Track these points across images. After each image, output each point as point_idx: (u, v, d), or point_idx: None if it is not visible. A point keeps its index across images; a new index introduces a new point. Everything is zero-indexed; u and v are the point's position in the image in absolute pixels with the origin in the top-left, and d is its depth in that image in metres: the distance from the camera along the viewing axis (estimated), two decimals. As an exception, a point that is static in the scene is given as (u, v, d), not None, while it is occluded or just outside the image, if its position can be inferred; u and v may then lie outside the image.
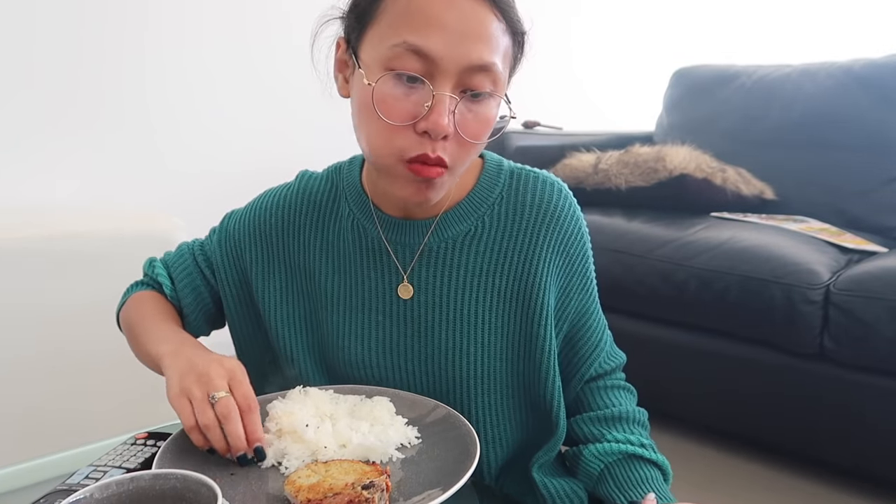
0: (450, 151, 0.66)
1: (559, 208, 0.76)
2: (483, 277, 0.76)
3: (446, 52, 0.62)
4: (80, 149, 1.85)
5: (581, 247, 0.78)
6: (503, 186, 0.77)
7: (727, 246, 1.66)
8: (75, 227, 1.46)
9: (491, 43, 0.64)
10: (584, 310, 0.80)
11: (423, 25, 0.63)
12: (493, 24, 0.64)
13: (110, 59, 1.87)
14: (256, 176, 2.21)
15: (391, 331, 0.78)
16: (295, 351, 0.81)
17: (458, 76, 0.64)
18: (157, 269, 0.86)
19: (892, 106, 2.00)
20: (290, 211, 0.82)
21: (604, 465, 0.76)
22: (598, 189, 2.07)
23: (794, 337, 1.53)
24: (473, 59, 0.63)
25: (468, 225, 0.76)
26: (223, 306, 0.85)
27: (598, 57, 3.16)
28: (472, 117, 0.66)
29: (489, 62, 0.64)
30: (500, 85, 0.67)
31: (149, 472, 0.52)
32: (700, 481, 1.59)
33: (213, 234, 0.87)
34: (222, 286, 0.84)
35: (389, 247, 0.77)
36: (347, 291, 0.79)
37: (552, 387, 0.77)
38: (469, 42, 0.63)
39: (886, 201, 1.95)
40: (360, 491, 0.54)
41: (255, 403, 0.63)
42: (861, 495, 1.54)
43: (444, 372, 0.77)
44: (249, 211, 0.85)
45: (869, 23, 3.30)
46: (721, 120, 2.32)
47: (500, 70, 0.65)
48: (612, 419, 0.79)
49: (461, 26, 0.62)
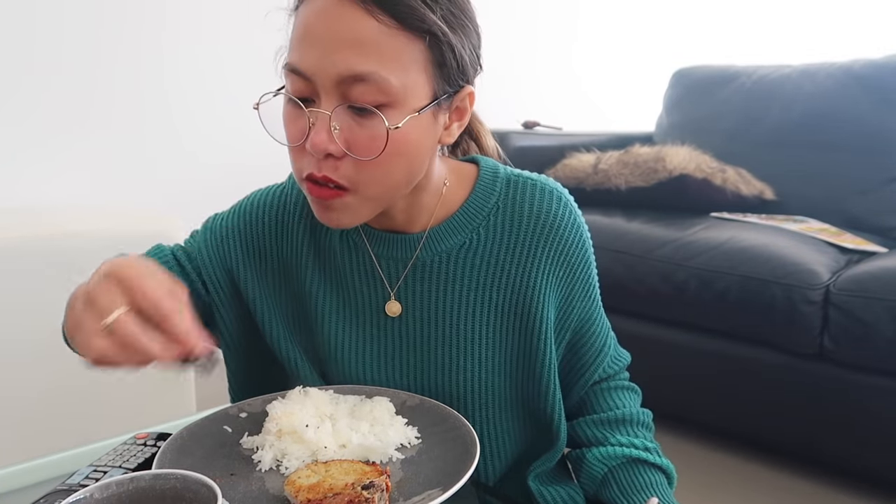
0: (344, 172, 0.61)
1: (558, 217, 0.73)
2: (479, 292, 0.73)
3: (317, 66, 0.59)
4: (79, 149, 1.85)
5: (582, 254, 0.75)
6: (499, 196, 0.74)
7: (727, 246, 1.66)
8: (75, 227, 1.46)
9: (365, 49, 0.58)
10: (587, 316, 0.78)
11: (298, 42, 0.61)
12: (367, 28, 0.58)
13: (110, 60, 1.87)
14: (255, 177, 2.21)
15: (385, 345, 0.76)
16: (291, 353, 0.79)
17: (336, 91, 0.59)
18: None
19: (892, 106, 2.00)
20: (283, 211, 0.78)
21: (607, 469, 0.75)
22: (598, 189, 2.08)
23: (793, 337, 1.53)
24: (341, 69, 0.58)
25: (462, 237, 0.73)
26: (213, 309, 0.80)
27: (598, 57, 3.17)
28: (362, 132, 0.60)
29: (362, 71, 0.58)
30: (395, 96, 0.60)
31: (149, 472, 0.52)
32: (699, 481, 1.59)
33: (197, 235, 0.82)
34: (213, 287, 0.79)
35: (378, 262, 0.74)
36: (340, 304, 0.76)
37: (552, 399, 0.76)
38: (337, 51, 0.58)
39: (886, 201, 1.95)
40: (360, 491, 0.54)
41: (168, 306, 0.51)
42: (861, 495, 1.54)
43: (440, 387, 0.75)
44: (236, 211, 0.81)
45: (869, 23, 3.30)
46: (721, 120, 2.32)
47: (385, 78, 0.59)
48: (616, 422, 0.78)
49: (329, 35, 0.58)
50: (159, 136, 1.99)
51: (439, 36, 0.61)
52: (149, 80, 1.95)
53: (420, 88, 0.62)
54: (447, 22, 0.62)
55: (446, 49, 0.62)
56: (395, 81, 0.59)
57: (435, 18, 0.60)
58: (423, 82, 0.62)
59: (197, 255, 0.79)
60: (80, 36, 1.81)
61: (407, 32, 0.59)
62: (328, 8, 0.59)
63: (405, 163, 0.64)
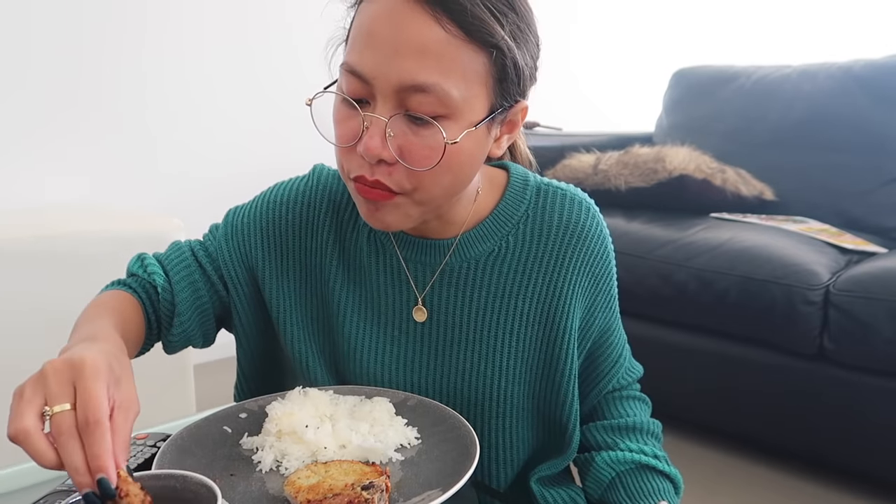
0: (396, 179, 0.61)
1: (587, 228, 0.73)
2: (505, 300, 0.73)
3: (378, 70, 0.58)
4: (79, 149, 1.85)
5: (607, 265, 0.76)
6: (529, 204, 0.73)
7: (727, 247, 1.66)
8: (75, 227, 1.46)
9: (428, 58, 0.57)
10: (607, 327, 0.78)
11: (360, 44, 0.59)
12: (434, 37, 0.57)
13: (111, 60, 1.87)
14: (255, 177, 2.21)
15: (406, 348, 0.75)
16: (307, 356, 0.77)
17: (395, 97, 0.58)
18: (148, 264, 0.76)
19: (891, 106, 2.00)
20: (308, 207, 0.76)
21: (615, 474, 0.75)
22: (598, 190, 2.07)
23: (793, 337, 1.53)
24: (404, 78, 0.57)
25: (491, 245, 0.73)
26: (231, 307, 0.79)
27: (598, 57, 3.17)
28: (418, 142, 0.59)
29: (424, 82, 0.57)
30: (454, 109, 0.59)
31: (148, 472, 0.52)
32: (699, 481, 1.59)
33: (217, 230, 0.79)
34: (232, 285, 0.77)
35: (407, 266, 0.74)
36: (363, 304, 0.75)
37: (569, 409, 0.75)
38: (400, 58, 0.57)
39: (886, 202, 1.95)
40: (360, 492, 0.54)
41: (97, 416, 0.46)
42: (861, 495, 1.54)
43: (459, 393, 0.75)
44: (258, 205, 0.78)
45: (869, 23, 3.30)
46: (721, 121, 2.32)
47: (447, 91, 0.58)
48: (627, 429, 0.78)
49: (395, 41, 0.57)
50: (159, 136, 1.99)
51: (505, 51, 0.60)
52: (148, 81, 1.95)
53: (478, 102, 0.61)
54: (514, 37, 0.60)
55: (509, 64, 0.61)
56: (455, 94, 0.58)
57: (503, 34, 0.59)
58: (483, 96, 0.61)
59: (217, 254, 0.77)
60: (81, 37, 1.81)
61: (473, 45, 0.58)
62: (395, 11, 0.57)
63: (457, 174, 0.63)
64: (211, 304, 0.78)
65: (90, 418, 0.46)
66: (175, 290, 0.74)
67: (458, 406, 0.75)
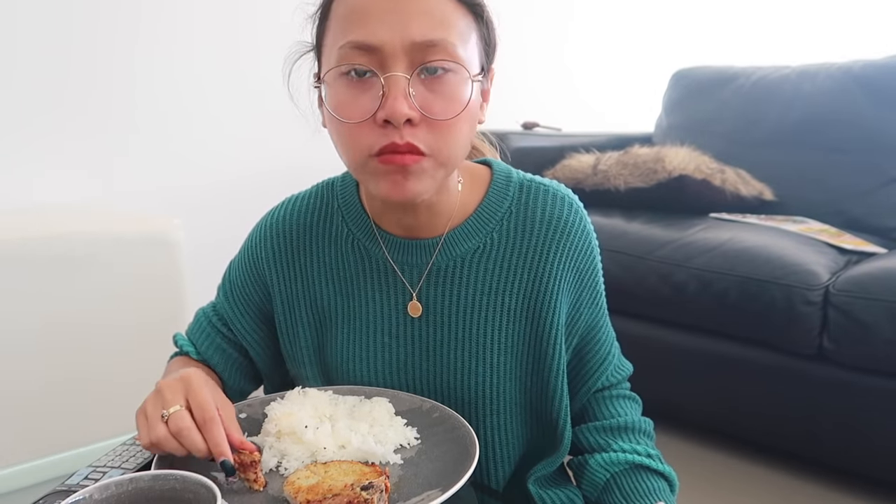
0: (422, 138, 0.62)
1: (570, 223, 0.74)
2: (492, 296, 0.74)
3: (387, 35, 0.60)
4: (79, 150, 1.85)
5: (591, 261, 0.76)
6: (512, 200, 0.74)
7: (726, 247, 1.66)
8: (75, 228, 1.46)
9: (433, 18, 0.62)
10: (594, 323, 0.79)
11: (360, 21, 0.62)
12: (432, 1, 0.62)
13: (109, 60, 1.87)
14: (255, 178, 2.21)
15: (398, 351, 0.76)
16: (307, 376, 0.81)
17: (407, 57, 0.61)
18: (179, 340, 0.84)
19: (891, 107, 2.00)
20: (280, 240, 0.79)
21: (610, 475, 0.75)
22: (598, 190, 2.08)
23: (793, 338, 1.53)
24: (416, 35, 0.61)
25: (476, 242, 0.74)
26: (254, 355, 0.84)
27: (598, 58, 3.17)
28: (436, 97, 0.62)
29: (436, 38, 0.61)
30: (462, 62, 0.63)
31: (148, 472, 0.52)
32: (698, 481, 1.59)
33: (219, 291, 0.85)
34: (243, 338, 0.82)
35: (396, 267, 0.75)
36: (352, 313, 0.77)
37: (560, 404, 0.76)
38: (407, 20, 0.61)
39: (886, 202, 1.95)
40: (360, 492, 0.54)
41: (211, 413, 0.60)
42: (860, 496, 1.54)
43: (452, 391, 0.75)
44: (245, 253, 0.82)
45: (869, 23, 3.30)
46: (720, 121, 2.33)
47: (454, 44, 0.62)
48: (618, 429, 0.78)
49: (397, 8, 0.61)
50: (159, 136, 1.99)
51: (486, 13, 0.67)
52: (148, 81, 1.95)
53: (475, 60, 0.66)
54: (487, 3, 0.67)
55: (490, 26, 0.68)
56: (460, 50, 0.63)
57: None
58: (476, 54, 0.66)
59: (225, 314, 0.83)
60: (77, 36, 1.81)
61: (463, 8, 0.65)
62: None
63: (470, 128, 0.67)
64: (243, 357, 0.84)
65: (206, 416, 0.59)
66: (205, 357, 0.82)
67: (450, 405, 0.75)
